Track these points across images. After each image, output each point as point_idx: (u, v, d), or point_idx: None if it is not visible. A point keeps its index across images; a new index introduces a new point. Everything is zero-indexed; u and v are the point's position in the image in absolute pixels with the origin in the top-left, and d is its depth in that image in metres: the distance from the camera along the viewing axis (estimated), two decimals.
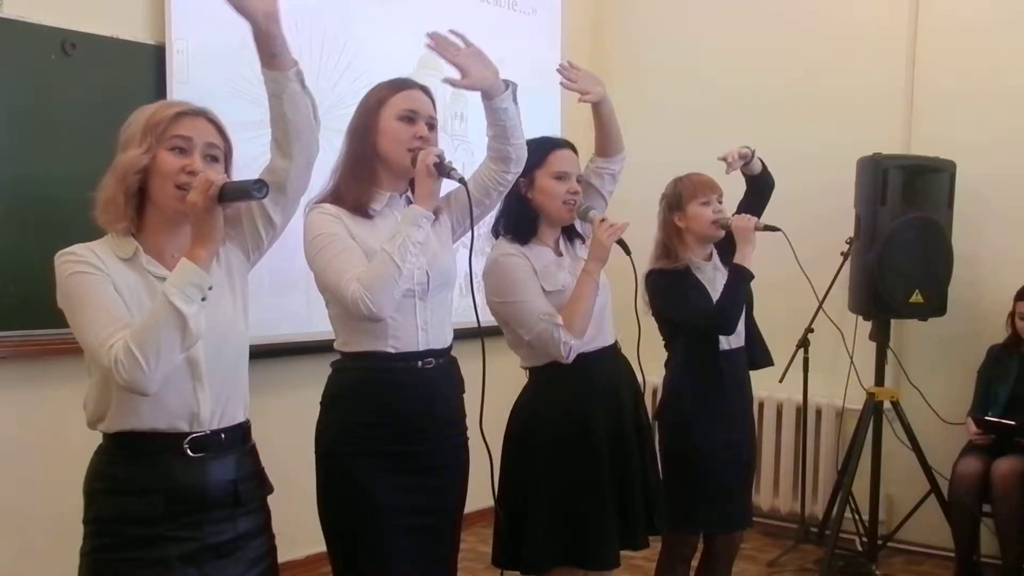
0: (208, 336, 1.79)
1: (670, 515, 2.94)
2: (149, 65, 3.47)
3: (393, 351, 2.29)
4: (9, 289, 3.16)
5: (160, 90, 3.44)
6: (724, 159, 3.14)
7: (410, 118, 2.32)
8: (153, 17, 3.50)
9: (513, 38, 4.88)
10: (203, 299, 1.74)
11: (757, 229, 3.02)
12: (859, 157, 4.23)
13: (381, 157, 2.32)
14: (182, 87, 3.46)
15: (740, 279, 2.98)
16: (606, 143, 2.88)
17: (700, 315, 2.99)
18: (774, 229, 3.09)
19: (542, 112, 4.95)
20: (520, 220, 2.69)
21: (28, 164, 3.21)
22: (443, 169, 2.25)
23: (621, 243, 2.66)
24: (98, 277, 1.77)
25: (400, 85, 2.36)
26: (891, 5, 4.56)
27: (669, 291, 3.02)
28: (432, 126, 2.36)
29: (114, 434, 1.83)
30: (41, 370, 3.24)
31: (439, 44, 2.33)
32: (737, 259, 3.00)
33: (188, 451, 1.83)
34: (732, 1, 5.03)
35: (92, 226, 1.87)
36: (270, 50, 1.87)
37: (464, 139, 4.58)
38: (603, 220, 2.66)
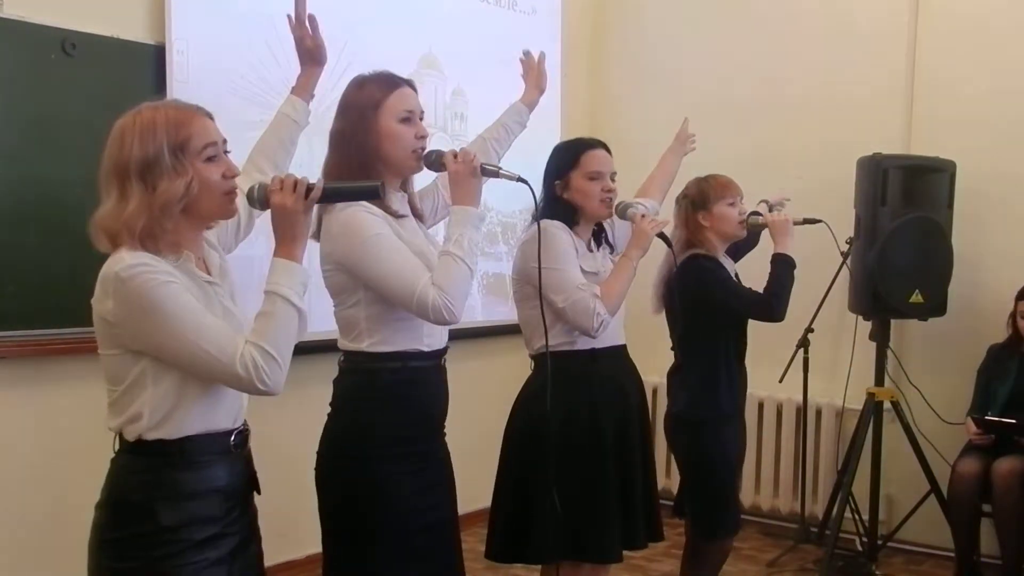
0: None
1: (710, 522, 2.96)
2: (149, 65, 3.47)
3: (427, 349, 2.31)
4: (9, 289, 3.15)
5: (160, 90, 3.44)
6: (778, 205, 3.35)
7: (408, 119, 2.31)
8: (153, 17, 3.49)
9: (513, 38, 4.86)
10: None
11: (797, 224, 3.10)
12: (859, 157, 4.23)
13: (384, 160, 2.30)
14: (182, 87, 3.46)
15: (787, 266, 3.02)
16: (653, 189, 3.19)
17: (753, 301, 3.02)
18: (815, 221, 3.16)
19: (542, 112, 4.92)
20: (559, 218, 2.72)
21: (28, 164, 3.21)
22: (488, 170, 2.27)
23: (663, 236, 2.75)
24: (182, 286, 1.74)
25: (390, 84, 2.34)
26: (891, 5, 4.56)
27: (714, 275, 3.04)
28: (421, 118, 2.37)
29: (165, 441, 1.78)
30: (41, 370, 3.24)
31: (532, 71, 2.80)
32: (779, 250, 3.05)
33: (232, 447, 1.86)
34: (732, 1, 5.04)
35: None
36: (311, 86, 2.40)
37: (464, 139, 4.57)
38: (644, 215, 2.73)
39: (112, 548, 1.79)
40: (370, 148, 2.28)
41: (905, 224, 4.09)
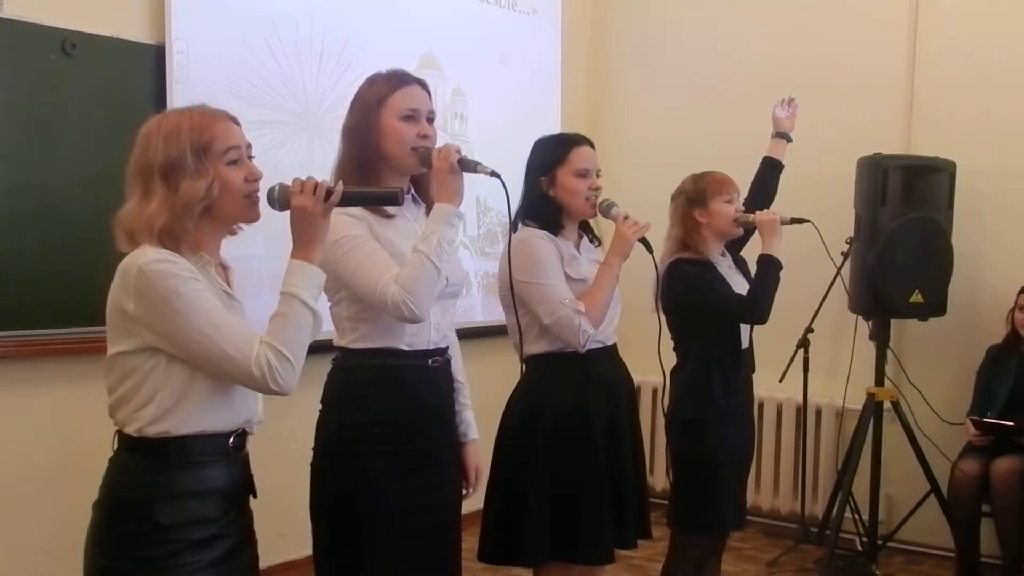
0: None
1: (686, 516, 2.94)
2: (149, 65, 3.47)
3: (407, 348, 2.29)
4: (9, 289, 3.15)
5: (160, 90, 3.44)
6: (789, 102, 3.43)
7: (412, 117, 2.30)
8: (153, 17, 3.50)
9: (513, 38, 4.88)
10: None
11: (784, 223, 3.06)
12: (859, 157, 4.24)
13: (385, 158, 2.30)
14: (182, 87, 3.46)
15: (772, 268, 3.00)
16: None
17: (734, 303, 3.00)
18: (802, 221, 3.13)
19: (542, 111, 4.95)
20: (543, 216, 2.69)
21: (28, 164, 3.20)
22: (468, 165, 2.23)
23: (643, 241, 2.68)
24: (203, 285, 1.77)
25: (398, 81, 2.32)
26: (892, 5, 4.56)
27: (698, 279, 3.02)
28: (431, 120, 2.35)
29: (161, 439, 1.79)
30: (41, 370, 3.24)
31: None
32: (766, 250, 3.03)
33: (231, 449, 1.86)
34: (730, 1, 5.04)
35: (92, 225, 1.86)
36: None
37: (464, 139, 4.58)
38: (626, 217, 2.67)
39: (108, 547, 1.79)
40: (372, 145, 2.28)
41: (905, 224, 4.09)
